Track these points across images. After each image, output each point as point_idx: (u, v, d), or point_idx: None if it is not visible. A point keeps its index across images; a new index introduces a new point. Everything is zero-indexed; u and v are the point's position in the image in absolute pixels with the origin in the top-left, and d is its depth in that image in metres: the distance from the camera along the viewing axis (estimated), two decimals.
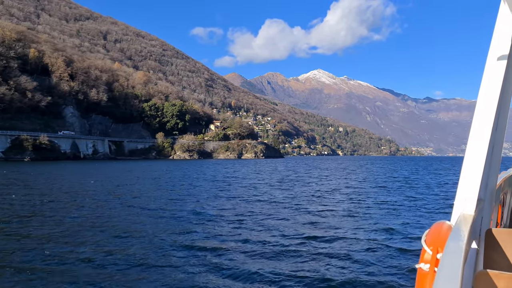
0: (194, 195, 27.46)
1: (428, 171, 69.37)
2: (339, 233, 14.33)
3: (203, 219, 17.10)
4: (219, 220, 17.07)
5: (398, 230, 14.92)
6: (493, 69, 2.60)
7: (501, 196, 4.51)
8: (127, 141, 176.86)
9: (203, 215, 18.37)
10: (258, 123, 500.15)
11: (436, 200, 25.41)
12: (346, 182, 42.26)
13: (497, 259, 2.42)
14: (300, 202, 23.53)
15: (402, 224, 16.27)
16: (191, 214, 18.43)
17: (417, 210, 20.56)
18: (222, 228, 15.09)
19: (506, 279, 1.72)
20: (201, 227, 15.33)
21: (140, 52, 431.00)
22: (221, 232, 14.42)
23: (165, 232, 14.23)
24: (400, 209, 21.06)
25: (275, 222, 16.47)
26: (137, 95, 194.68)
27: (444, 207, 21.75)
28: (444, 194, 29.19)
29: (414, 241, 13.06)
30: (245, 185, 36.08)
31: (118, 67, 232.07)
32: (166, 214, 18.40)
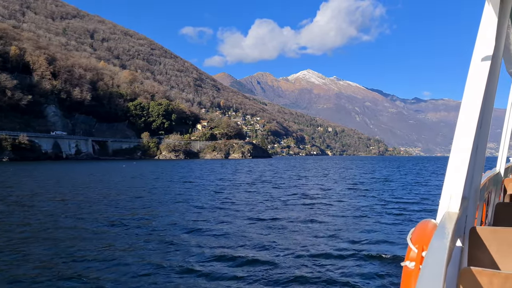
0: (142, 197, 25.80)
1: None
2: (321, 235, 14.19)
3: (143, 229, 15.46)
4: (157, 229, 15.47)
5: (380, 230, 15.02)
6: (477, 69, 2.62)
7: (485, 195, 4.52)
8: (111, 141, 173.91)
9: (147, 221, 16.83)
10: (247, 123, 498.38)
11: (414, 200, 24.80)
12: (322, 183, 40.92)
13: (480, 257, 2.46)
14: (259, 206, 22.39)
15: (384, 224, 16.37)
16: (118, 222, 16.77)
17: (396, 211, 20.46)
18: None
19: (488, 275, 1.75)
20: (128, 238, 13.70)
21: (128, 51, 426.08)
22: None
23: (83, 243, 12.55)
24: (378, 209, 20.88)
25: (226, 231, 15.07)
26: (122, 94, 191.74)
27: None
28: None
29: (401, 239, 13.21)
30: (208, 187, 34.27)
31: (103, 65, 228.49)
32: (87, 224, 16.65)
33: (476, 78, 2.61)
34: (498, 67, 2.92)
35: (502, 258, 2.41)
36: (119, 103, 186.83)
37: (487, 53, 2.64)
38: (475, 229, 2.53)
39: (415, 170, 75.13)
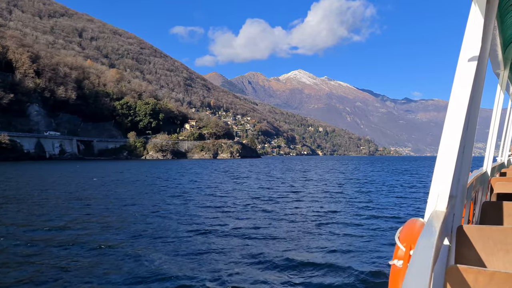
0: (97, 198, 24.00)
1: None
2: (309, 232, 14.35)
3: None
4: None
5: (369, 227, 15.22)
6: (464, 70, 2.63)
7: (472, 194, 4.57)
8: (96, 141, 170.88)
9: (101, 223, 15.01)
10: (238, 123, 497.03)
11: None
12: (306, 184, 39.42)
13: (467, 255, 2.48)
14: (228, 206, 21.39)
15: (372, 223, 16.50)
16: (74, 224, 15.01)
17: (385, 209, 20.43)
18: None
19: (474, 273, 1.78)
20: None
21: (117, 50, 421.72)
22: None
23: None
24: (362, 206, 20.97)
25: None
26: (109, 93, 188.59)
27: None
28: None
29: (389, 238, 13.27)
30: (167, 190, 32.42)
31: (90, 64, 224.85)
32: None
33: (463, 78, 2.62)
34: (484, 67, 2.93)
35: (488, 256, 2.44)
36: (105, 102, 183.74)
37: (473, 54, 2.65)
38: (462, 228, 2.56)
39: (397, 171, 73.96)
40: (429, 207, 2.48)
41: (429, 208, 2.48)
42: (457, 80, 2.63)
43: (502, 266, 2.40)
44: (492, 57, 5.45)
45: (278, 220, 17.10)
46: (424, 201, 22.43)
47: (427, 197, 2.38)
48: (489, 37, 2.89)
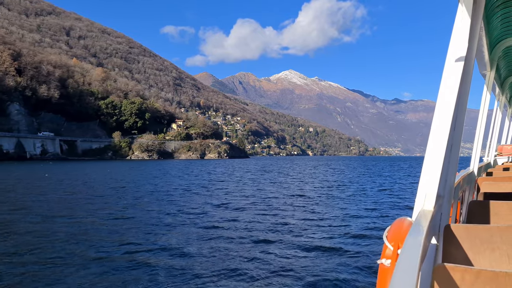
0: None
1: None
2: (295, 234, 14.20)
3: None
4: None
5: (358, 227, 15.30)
6: (451, 71, 2.65)
7: (460, 194, 4.64)
8: (80, 141, 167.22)
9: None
10: (228, 123, 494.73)
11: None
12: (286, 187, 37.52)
13: (454, 254, 2.51)
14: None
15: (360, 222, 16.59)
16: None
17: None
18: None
19: (461, 271, 1.80)
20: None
21: (105, 49, 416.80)
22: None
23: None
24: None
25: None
26: (93, 92, 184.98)
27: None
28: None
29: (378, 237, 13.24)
30: (128, 194, 30.39)
31: (75, 63, 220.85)
32: None
33: (450, 79, 2.64)
34: (471, 68, 2.95)
35: (474, 254, 2.47)
36: (90, 102, 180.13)
37: (460, 55, 2.67)
38: (450, 227, 2.59)
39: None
40: (416, 207, 2.51)
41: (417, 207, 2.50)
42: (445, 81, 2.65)
43: (488, 264, 2.43)
44: (478, 58, 5.55)
45: (255, 222, 16.47)
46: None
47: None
48: (476, 38, 2.90)
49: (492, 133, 10.62)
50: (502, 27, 5.01)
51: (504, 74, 8.17)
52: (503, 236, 2.45)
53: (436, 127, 2.58)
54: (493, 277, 1.73)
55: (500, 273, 1.72)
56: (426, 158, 2.59)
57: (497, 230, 2.48)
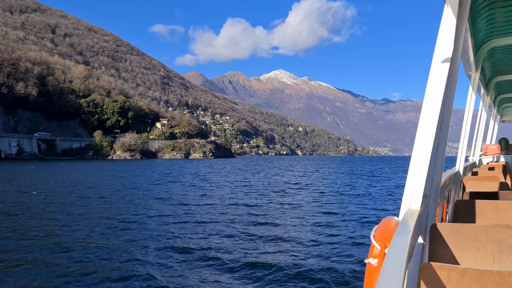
0: None
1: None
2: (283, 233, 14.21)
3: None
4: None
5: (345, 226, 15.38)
6: (437, 71, 2.68)
7: (446, 193, 4.73)
8: (60, 140, 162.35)
9: None
10: (216, 122, 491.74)
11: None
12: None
13: (441, 253, 2.54)
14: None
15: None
16: None
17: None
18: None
19: (447, 270, 1.81)
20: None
21: (92, 47, 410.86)
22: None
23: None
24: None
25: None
26: (74, 90, 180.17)
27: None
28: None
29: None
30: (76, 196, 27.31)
31: (57, 60, 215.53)
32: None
33: (436, 80, 2.66)
34: (456, 69, 2.98)
35: (460, 253, 2.50)
36: (71, 100, 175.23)
37: (446, 55, 2.69)
38: (436, 226, 2.62)
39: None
40: (403, 206, 2.52)
41: (404, 207, 2.52)
42: (431, 81, 2.67)
43: (473, 263, 2.46)
44: (464, 59, 5.68)
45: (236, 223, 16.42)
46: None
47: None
48: (461, 39, 2.93)
49: (477, 133, 10.62)
50: (487, 28, 5.11)
51: (489, 75, 8.21)
52: (488, 235, 2.48)
53: (422, 127, 2.60)
54: (478, 275, 1.76)
55: (485, 271, 1.75)
56: (413, 157, 2.62)
57: (482, 229, 2.51)
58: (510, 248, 2.43)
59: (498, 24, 5.01)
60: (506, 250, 2.43)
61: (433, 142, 2.58)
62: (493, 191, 5.18)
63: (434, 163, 2.88)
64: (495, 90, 10.13)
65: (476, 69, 6.54)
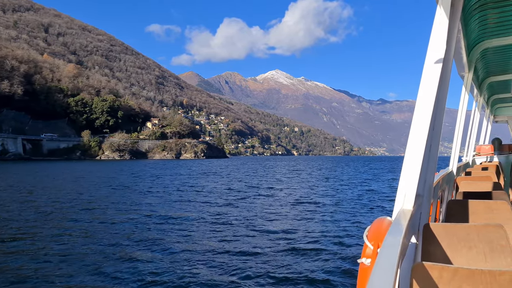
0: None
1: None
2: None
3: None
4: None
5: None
6: (430, 72, 2.68)
7: (439, 193, 4.76)
8: (46, 140, 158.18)
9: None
10: (211, 122, 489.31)
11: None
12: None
13: (433, 252, 2.54)
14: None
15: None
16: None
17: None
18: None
19: (439, 269, 1.82)
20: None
21: (86, 47, 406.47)
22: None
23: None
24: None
25: None
26: (62, 89, 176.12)
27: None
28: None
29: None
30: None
31: (46, 58, 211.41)
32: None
33: (429, 80, 2.67)
34: (449, 69, 3.00)
35: (452, 252, 2.51)
36: (58, 99, 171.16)
37: (438, 56, 2.70)
38: (429, 226, 2.62)
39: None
40: (396, 206, 2.53)
41: (397, 206, 2.52)
42: (424, 81, 2.68)
43: (465, 262, 2.46)
44: (457, 60, 5.80)
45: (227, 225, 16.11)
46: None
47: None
48: (454, 40, 2.94)
49: (471, 133, 10.74)
50: (479, 29, 5.17)
51: (481, 75, 8.31)
52: (480, 235, 2.49)
53: (415, 127, 2.61)
54: (469, 274, 1.77)
55: (476, 270, 1.75)
56: (406, 158, 2.62)
57: (474, 229, 2.52)
58: (502, 248, 2.43)
59: (491, 25, 5.04)
60: (498, 250, 2.43)
61: (426, 142, 2.58)
62: (486, 191, 5.18)
63: (427, 163, 2.89)
64: (488, 90, 10.16)
65: (469, 70, 6.60)
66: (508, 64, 7.41)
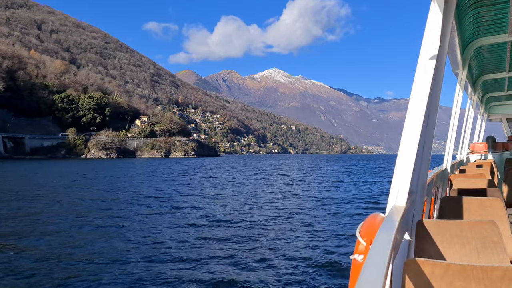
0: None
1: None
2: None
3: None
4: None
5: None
6: (424, 69, 2.70)
7: (433, 190, 4.79)
8: (29, 138, 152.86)
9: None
10: (206, 120, 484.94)
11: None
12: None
13: (426, 248, 2.55)
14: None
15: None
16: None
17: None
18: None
19: (431, 265, 1.83)
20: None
21: (80, 44, 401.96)
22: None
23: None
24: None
25: None
26: (48, 85, 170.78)
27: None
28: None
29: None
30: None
31: (33, 54, 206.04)
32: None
33: (423, 77, 2.67)
34: (442, 67, 3.01)
35: (445, 249, 2.52)
36: (43, 96, 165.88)
37: (432, 53, 2.70)
38: (422, 222, 2.62)
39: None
40: (389, 203, 2.53)
41: (390, 203, 2.52)
42: (417, 79, 2.68)
43: (458, 258, 2.48)
44: (451, 58, 5.87)
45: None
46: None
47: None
48: (447, 37, 2.94)
49: (465, 131, 10.78)
50: (473, 27, 5.19)
51: (476, 73, 8.38)
52: (473, 231, 2.50)
53: (409, 125, 2.62)
54: (461, 270, 1.78)
55: (468, 266, 1.77)
56: (399, 155, 2.62)
57: (467, 225, 2.53)
58: (495, 244, 2.44)
59: (484, 23, 5.06)
60: (490, 246, 2.44)
61: (419, 139, 2.58)
62: (480, 188, 5.16)
63: (420, 160, 2.89)
64: (482, 88, 10.17)
65: (463, 68, 6.60)
66: (502, 62, 7.38)
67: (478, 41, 5.68)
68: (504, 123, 16.10)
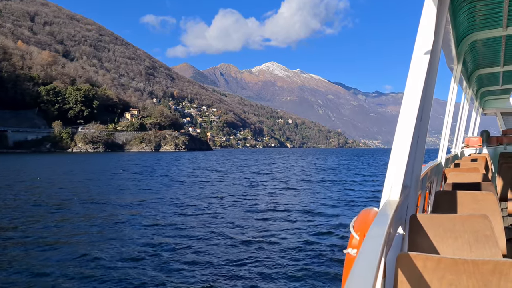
0: None
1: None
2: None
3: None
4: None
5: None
6: (418, 63, 2.69)
7: (428, 184, 4.83)
8: (12, 131, 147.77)
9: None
10: (202, 114, 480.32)
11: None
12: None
13: (420, 242, 2.55)
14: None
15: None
16: None
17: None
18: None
19: (423, 259, 1.84)
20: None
21: (73, 36, 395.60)
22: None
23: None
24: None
25: None
26: (33, 77, 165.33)
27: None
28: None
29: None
30: None
31: (20, 46, 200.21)
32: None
33: (417, 71, 2.66)
34: (437, 61, 3.01)
35: (438, 243, 2.53)
36: (28, 87, 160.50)
37: (426, 48, 2.69)
38: (415, 216, 2.62)
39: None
40: (383, 197, 2.53)
41: (384, 197, 2.52)
42: (411, 73, 2.68)
43: (451, 252, 2.49)
44: (446, 52, 5.91)
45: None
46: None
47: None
48: (442, 31, 2.94)
49: (460, 125, 10.87)
50: (468, 21, 5.20)
51: (470, 68, 8.42)
52: (465, 225, 2.51)
53: (403, 119, 2.63)
54: (452, 264, 1.80)
55: (459, 260, 1.78)
56: (394, 149, 2.62)
57: (459, 219, 2.54)
58: (487, 238, 2.45)
59: (479, 18, 5.08)
60: (482, 240, 2.45)
61: (413, 133, 2.59)
62: (474, 182, 5.22)
63: (414, 154, 2.90)
64: (477, 83, 10.23)
65: (458, 62, 6.64)
66: (497, 56, 7.39)
67: (472, 36, 5.70)
68: (498, 117, 15.94)
